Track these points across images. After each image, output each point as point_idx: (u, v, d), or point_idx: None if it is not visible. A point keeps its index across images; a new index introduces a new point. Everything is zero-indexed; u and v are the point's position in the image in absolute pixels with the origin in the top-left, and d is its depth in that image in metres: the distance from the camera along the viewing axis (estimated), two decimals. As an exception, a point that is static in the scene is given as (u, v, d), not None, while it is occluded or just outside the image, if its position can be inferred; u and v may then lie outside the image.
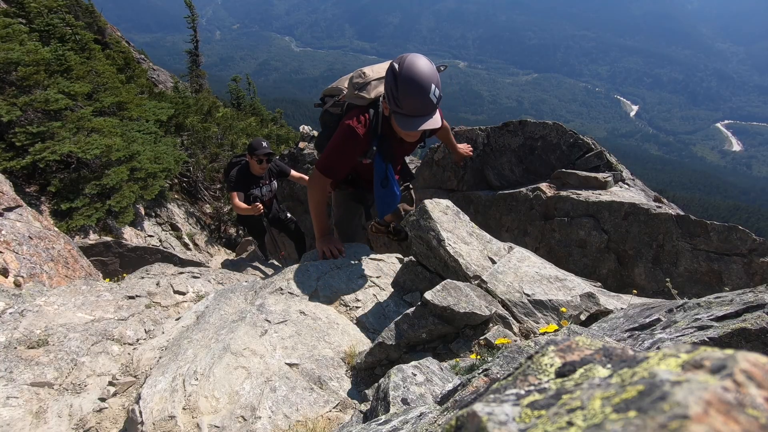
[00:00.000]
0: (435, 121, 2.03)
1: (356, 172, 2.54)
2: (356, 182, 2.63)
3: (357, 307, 2.00)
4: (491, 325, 1.52)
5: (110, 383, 1.66)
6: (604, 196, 3.88)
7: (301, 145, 7.32)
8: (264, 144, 3.86)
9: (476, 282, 1.72)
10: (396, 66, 2.00)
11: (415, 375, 1.18)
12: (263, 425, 1.33)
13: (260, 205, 3.69)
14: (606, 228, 3.77)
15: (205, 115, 11.52)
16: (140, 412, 1.38)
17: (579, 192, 4.01)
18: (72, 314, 1.98)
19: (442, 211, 2.00)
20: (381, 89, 2.30)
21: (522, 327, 1.56)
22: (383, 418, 0.98)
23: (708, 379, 0.29)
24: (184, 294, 2.43)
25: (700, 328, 1.06)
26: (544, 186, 4.25)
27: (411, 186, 2.96)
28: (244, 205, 3.73)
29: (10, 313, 1.88)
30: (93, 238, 5.96)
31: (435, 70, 2.00)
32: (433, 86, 1.96)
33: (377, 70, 2.37)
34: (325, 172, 2.33)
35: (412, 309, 1.54)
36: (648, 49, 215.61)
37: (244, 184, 3.90)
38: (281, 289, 2.05)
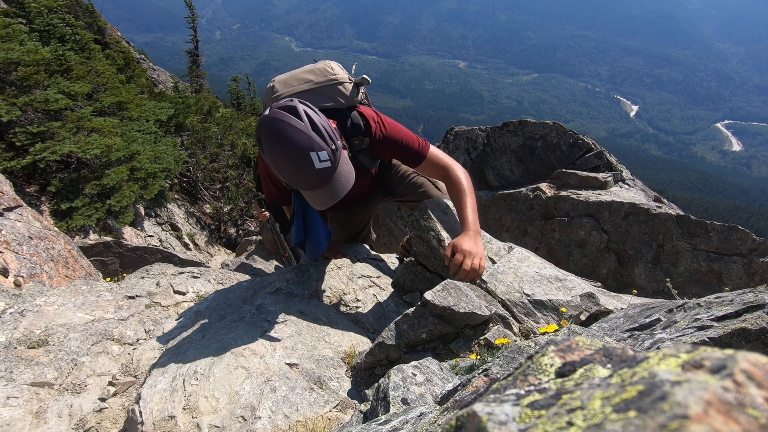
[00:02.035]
0: (330, 195, 1.47)
1: None
2: None
3: (357, 307, 2.00)
4: (491, 325, 1.52)
5: (110, 383, 1.66)
6: (604, 196, 3.88)
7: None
8: None
9: (476, 282, 1.72)
10: (259, 129, 1.44)
11: (415, 375, 1.18)
12: (263, 425, 1.33)
13: (266, 213, 3.67)
14: (606, 228, 3.77)
15: (205, 115, 11.52)
16: (140, 412, 1.38)
17: (579, 192, 4.01)
18: (72, 314, 1.98)
19: (442, 211, 1.99)
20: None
21: (522, 327, 1.56)
22: (383, 418, 0.98)
23: (708, 379, 0.29)
24: (184, 294, 2.43)
25: (700, 328, 1.06)
26: (544, 186, 4.25)
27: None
28: (257, 210, 3.72)
29: (10, 313, 1.88)
30: (93, 238, 5.96)
31: (312, 129, 1.39)
32: (312, 155, 1.38)
33: (290, 81, 1.81)
34: (266, 199, 2.07)
35: (412, 309, 1.54)
36: (648, 49, 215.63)
37: None
38: (281, 289, 2.05)
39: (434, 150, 1.86)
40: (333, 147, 1.43)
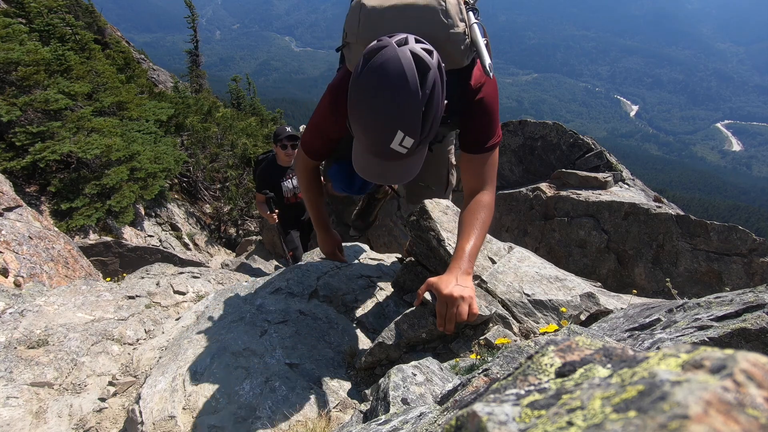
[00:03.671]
0: (377, 173, 1.24)
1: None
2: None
3: (357, 307, 2.00)
4: (491, 325, 1.52)
5: (110, 383, 1.66)
6: (604, 196, 3.88)
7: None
8: (287, 129, 3.49)
9: (476, 282, 1.72)
10: (360, 62, 1.12)
11: (415, 375, 1.18)
12: (263, 425, 1.33)
13: (275, 215, 3.52)
14: (606, 228, 3.77)
15: (205, 115, 11.52)
16: (140, 412, 1.38)
17: (579, 192, 4.01)
18: (72, 314, 1.98)
19: (442, 211, 1.99)
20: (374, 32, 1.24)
21: (522, 327, 1.56)
22: (383, 418, 0.98)
23: (708, 379, 0.29)
24: (184, 294, 2.43)
25: (700, 328, 1.06)
26: (544, 186, 4.26)
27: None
28: (262, 210, 3.57)
29: (10, 313, 1.88)
30: (93, 238, 5.96)
31: (424, 110, 1.08)
32: (398, 134, 1.09)
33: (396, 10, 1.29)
34: (304, 148, 1.71)
35: (412, 309, 1.54)
36: (648, 49, 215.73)
37: (270, 180, 3.57)
38: (281, 289, 2.05)
39: (496, 155, 1.50)
40: (421, 139, 1.14)
